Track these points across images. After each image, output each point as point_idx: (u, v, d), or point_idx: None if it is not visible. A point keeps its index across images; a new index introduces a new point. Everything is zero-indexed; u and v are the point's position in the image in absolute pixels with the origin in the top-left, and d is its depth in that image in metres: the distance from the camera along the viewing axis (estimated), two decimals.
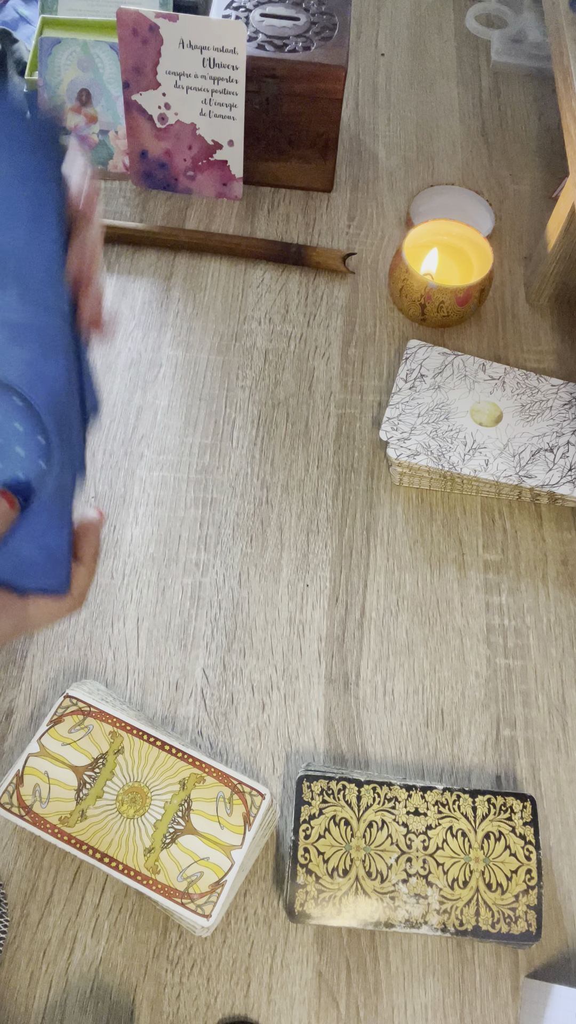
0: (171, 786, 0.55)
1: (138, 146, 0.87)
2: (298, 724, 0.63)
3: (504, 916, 0.54)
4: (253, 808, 0.54)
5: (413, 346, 0.78)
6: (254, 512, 0.73)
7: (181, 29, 0.77)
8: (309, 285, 0.86)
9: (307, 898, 0.54)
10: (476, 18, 1.08)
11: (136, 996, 0.54)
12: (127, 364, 0.80)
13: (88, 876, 0.57)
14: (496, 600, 0.69)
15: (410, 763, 0.62)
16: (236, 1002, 0.54)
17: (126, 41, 0.79)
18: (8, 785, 0.55)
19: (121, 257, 0.87)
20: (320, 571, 0.70)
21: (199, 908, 0.51)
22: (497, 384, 0.76)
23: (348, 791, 0.57)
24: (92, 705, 0.58)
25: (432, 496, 0.74)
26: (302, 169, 0.91)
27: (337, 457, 0.76)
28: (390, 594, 0.69)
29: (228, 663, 0.66)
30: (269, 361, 0.81)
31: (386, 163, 0.96)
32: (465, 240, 0.83)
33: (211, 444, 0.76)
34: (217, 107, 0.83)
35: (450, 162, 0.96)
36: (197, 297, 0.85)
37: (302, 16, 0.84)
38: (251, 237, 0.87)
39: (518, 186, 0.95)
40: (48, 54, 0.85)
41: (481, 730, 0.64)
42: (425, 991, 0.55)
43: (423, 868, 0.55)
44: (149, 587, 0.69)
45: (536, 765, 0.62)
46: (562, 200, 0.78)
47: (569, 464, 0.71)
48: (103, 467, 0.74)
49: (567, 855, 0.59)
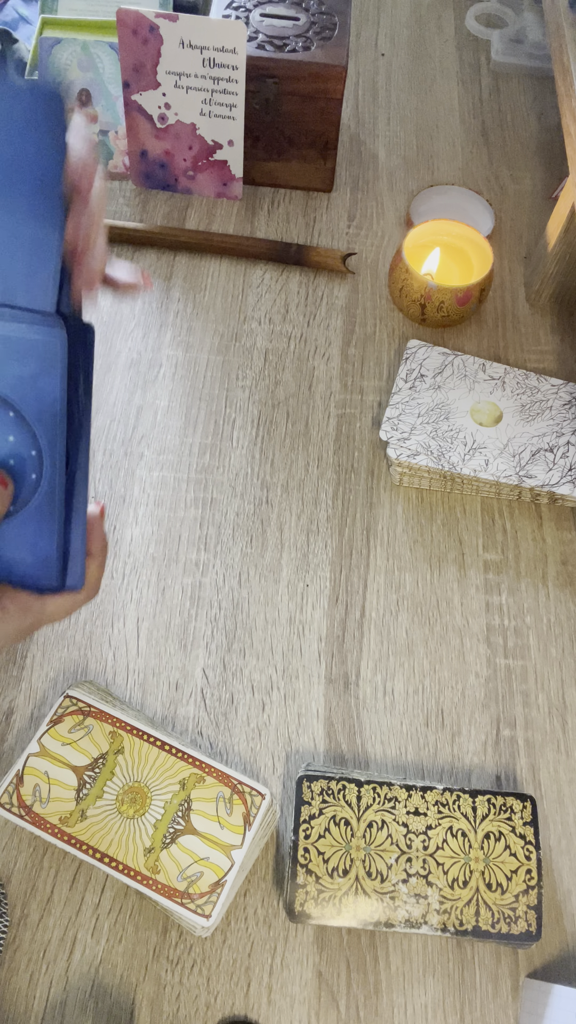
0: (171, 786, 0.55)
1: (138, 146, 0.87)
2: (298, 724, 0.63)
3: (504, 916, 0.54)
4: (253, 808, 0.54)
5: (413, 346, 0.78)
6: (254, 512, 0.73)
7: (181, 29, 0.77)
8: (309, 285, 0.86)
9: (307, 898, 0.54)
10: (476, 18, 1.08)
11: (136, 996, 0.54)
12: (127, 364, 0.80)
13: (88, 876, 0.57)
14: (496, 600, 0.69)
15: (410, 763, 0.62)
16: (236, 1002, 0.54)
17: (126, 41, 0.79)
18: (8, 785, 0.55)
19: (121, 257, 0.87)
20: (320, 571, 0.70)
21: (199, 908, 0.51)
22: (497, 384, 0.76)
23: (348, 791, 0.57)
24: (92, 705, 0.58)
25: (432, 496, 0.74)
26: (302, 169, 0.91)
27: (337, 457, 0.76)
28: (390, 594, 0.69)
29: (228, 663, 0.66)
30: (269, 361, 0.81)
31: (386, 163, 0.96)
32: (465, 240, 0.83)
33: (211, 444, 0.76)
34: (217, 107, 0.83)
35: (450, 162, 0.96)
36: (197, 297, 0.85)
37: (302, 16, 0.84)
38: (251, 237, 0.87)
39: (518, 186, 0.95)
40: (48, 54, 0.85)
41: (481, 730, 0.64)
42: (425, 991, 0.55)
43: (423, 868, 0.55)
44: (149, 587, 0.69)
45: (536, 765, 0.62)
46: (562, 200, 0.78)
47: (569, 464, 0.71)
48: (103, 467, 0.74)
49: (567, 855, 0.59)
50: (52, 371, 0.37)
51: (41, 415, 0.38)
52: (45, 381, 0.37)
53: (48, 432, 0.38)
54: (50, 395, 0.37)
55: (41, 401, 0.37)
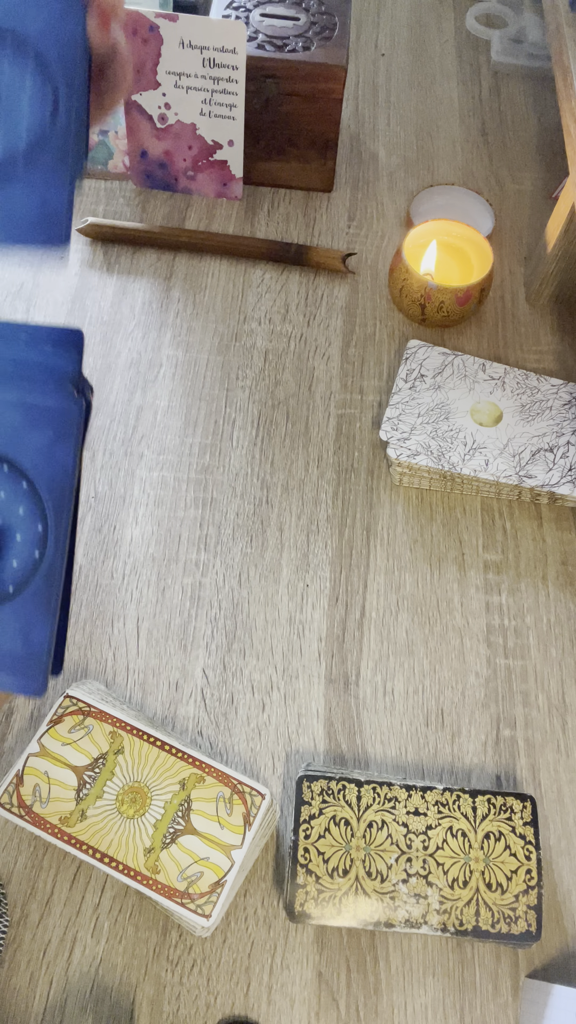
0: (171, 786, 0.55)
1: (138, 146, 0.87)
2: (298, 724, 0.63)
3: (504, 916, 0.54)
4: (253, 808, 0.54)
5: (413, 346, 0.78)
6: (254, 512, 0.73)
7: (181, 29, 0.77)
8: (309, 285, 0.86)
9: (307, 898, 0.54)
10: (476, 18, 1.08)
11: (136, 996, 0.54)
12: (127, 364, 0.80)
13: (88, 876, 0.57)
14: (496, 600, 0.69)
15: (410, 763, 0.62)
16: (236, 1002, 0.54)
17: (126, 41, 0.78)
18: (8, 785, 0.55)
19: (121, 257, 0.87)
20: (320, 571, 0.70)
21: (199, 908, 0.51)
22: (497, 384, 0.76)
23: (348, 791, 0.57)
24: (92, 705, 0.58)
25: (432, 496, 0.74)
26: (302, 169, 0.91)
27: (337, 457, 0.76)
28: (390, 594, 0.69)
29: (228, 663, 0.66)
30: (269, 361, 0.81)
31: (386, 163, 0.96)
32: (465, 240, 0.83)
33: (211, 444, 0.76)
34: (217, 107, 0.83)
35: (450, 162, 0.96)
36: (197, 297, 0.85)
37: (302, 16, 0.84)
38: (251, 237, 0.87)
39: (518, 186, 0.95)
40: None
41: (481, 730, 0.64)
42: (425, 991, 0.55)
43: (423, 868, 0.55)
44: (149, 587, 0.69)
45: (536, 765, 0.62)
46: (562, 200, 0.78)
47: (569, 464, 0.71)
48: (103, 467, 0.74)
49: (567, 855, 0.59)
50: (68, 440, 0.35)
51: (52, 487, 0.35)
52: (60, 450, 0.35)
53: (56, 506, 0.35)
54: (63, 466, 0.35)
55: (54, 472, 0.35)
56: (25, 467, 0.35)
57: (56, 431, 0.35)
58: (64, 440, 0.35)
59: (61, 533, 0.36)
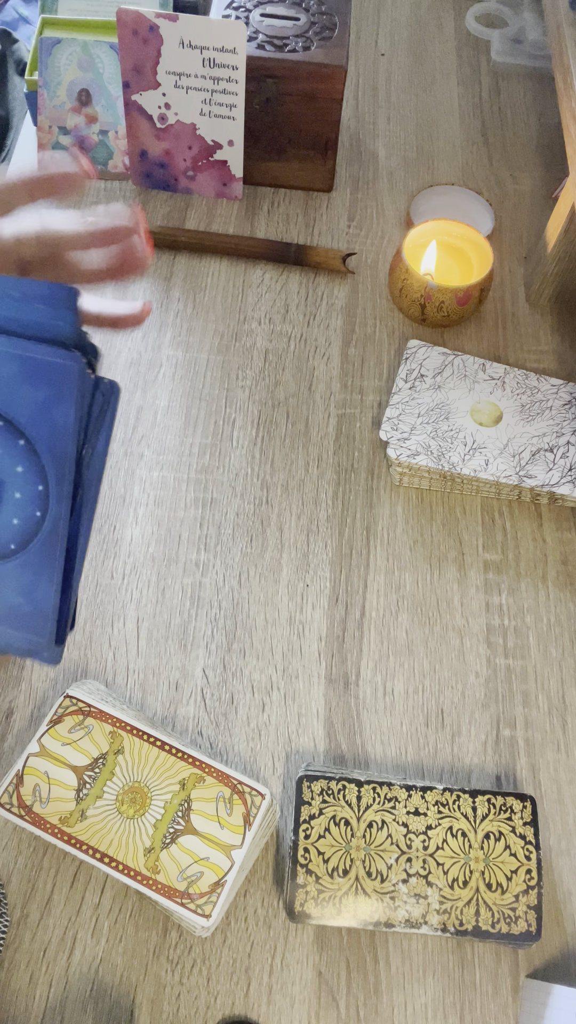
0: (171, 786, 0.55)
1: (138, 146, 0.87)
2: (298, 724, 0.63)
3: (504, 916, 0.54)
4: (253, 808, 0.54)
5: (413, 346, 0.78)
6: (254, 512, 0.73)
7: (181, 29, 0.77)
8: (309, 285, 0.86)
9: (307, 898, 0.54)
10: (476, 18, 1.08)
11: (136, 996, 0.54)
12: (127, 364, 0.80)
13: (88, 876, 0.57)
14: (496, 600, 0.69)
15: (410, 763, 0.62)
16: (236, 1002, 0.54)
17: (126, 41, 0.79)
18: (8, 785, 0.55)
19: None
20: (320, 571, 0.70)
21: (199, 908, 0.51)
22: (497, 384, 0.76)
23: (348, 791, 0.57)
24: (92, 705, 0.58)
25: (432, 496, 0.74)
26: (302, 169, 0.91)
27: (337, 457, 0.76)
28: (390, 594, 0.69)
29: (228, 663, 0.66)
30: (269, 361, 0.81)
31: (386, 163, 0.96)
32: (465, 240, 0.83)
33: (211, 444, 0.76)
34: (217, 107, 0.83)
35: (450, 162, 0.96)
36: (197, 297, 0.85)
37: (302, 16, 0.84)
38: (251, 237, 0.87)
39: (518, 186, 0.95)
40: (48, 54, 0.85)
41: (481, 730, 0.64)
42: (425, 991, 0.55)
43: (423, 868, 0.55)
44: (149, 587, 0.69)
45: (536, 765, 0.62)
46: (562, 200, 0.78)
47: (569, 464, 0.71)
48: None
49: (567, 855, 0.59)
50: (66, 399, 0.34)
51: (53, 449, 0.35)
52: (58, 410, 0.34)
53: (57, 467, 0.35)
54: (62, 427, 0.34)
55: (53, 432, 0.34)
56: (22, 424, 0.34)
57: (53, 389, 0.34)
58: (62, 400, 0.34)
59: (63, 494, 0.35)
